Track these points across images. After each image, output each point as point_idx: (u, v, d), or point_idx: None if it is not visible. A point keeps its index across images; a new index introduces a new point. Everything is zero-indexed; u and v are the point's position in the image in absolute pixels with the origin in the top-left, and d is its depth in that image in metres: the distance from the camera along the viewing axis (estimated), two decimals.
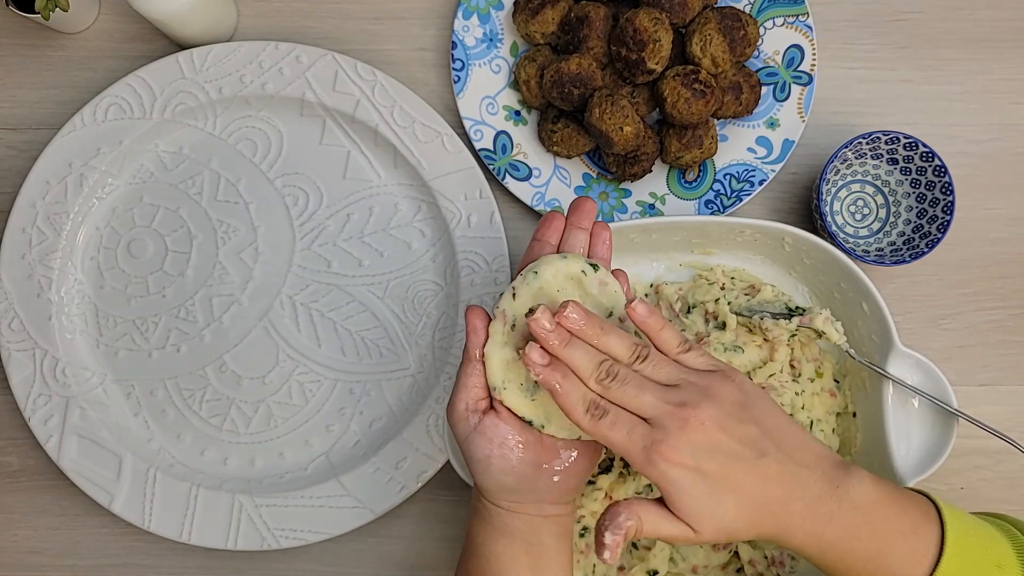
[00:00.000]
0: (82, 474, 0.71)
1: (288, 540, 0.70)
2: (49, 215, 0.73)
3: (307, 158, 0.74)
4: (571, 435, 0.52)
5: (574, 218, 0.56)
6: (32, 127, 0.77)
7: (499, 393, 0.52)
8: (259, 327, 0.74)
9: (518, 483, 0.52)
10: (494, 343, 0.52)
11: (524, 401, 0.52)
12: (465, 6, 0.74)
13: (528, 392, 0.52)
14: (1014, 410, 0.74)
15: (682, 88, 0.67)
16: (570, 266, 0.52)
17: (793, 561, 0.68)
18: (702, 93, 0.67)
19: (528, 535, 0.53)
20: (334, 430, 0.73)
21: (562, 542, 0.55)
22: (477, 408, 0.52)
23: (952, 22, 0.76)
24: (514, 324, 0.52)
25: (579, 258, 0.53)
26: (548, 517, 0.54)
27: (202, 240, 0.74)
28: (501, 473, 0.52)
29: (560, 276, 0.52)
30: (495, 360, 0.52)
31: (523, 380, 0.52)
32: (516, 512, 0.53)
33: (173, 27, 0.70)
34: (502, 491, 0.53)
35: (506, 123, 0.74)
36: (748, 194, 0.73)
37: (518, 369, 0.52)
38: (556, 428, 0.52)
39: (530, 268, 0.53)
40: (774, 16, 0.73)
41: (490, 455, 0.52)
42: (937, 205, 0.70)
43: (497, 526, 0.53)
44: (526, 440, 0.52)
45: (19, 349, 0.72)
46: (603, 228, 0.56)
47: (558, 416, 0.52)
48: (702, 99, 0.67)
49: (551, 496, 0.53)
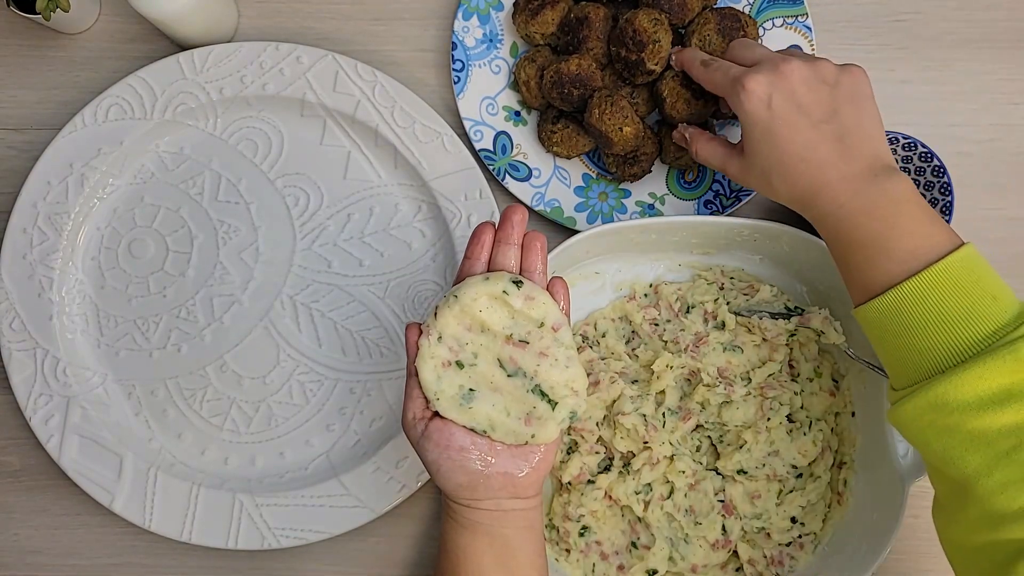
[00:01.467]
0: (83, 474, 0.71)
1: (288, 539, 0.70)
2: (50, 215, 0.73)
3: (308, 158, 0.75)
4: (517, 440, 0.54)
5: (502, 233, 0.57)
6: (33, 127, 0.77)
7: (435, 405, 0.55)
8: (260, 327, 0.74)
9: (471, 481, 0.54)
10: (422, 357, 0.55)
11: (461, 411, 0.54)
12: (465, 7, 0.74)
13: (463, 401, 0.54)
14: None
15: (682, 88, 0.67)
16: (491, 287, 0.54)
17: (793, 561, 0.68)
18: (702, 93, 0.67)
19: (490, 529, 0.55)
20: (334, 430, 0.73)
21: (527, 533, 0.56)
22: (424, 416, 0.55)
23: (951, 22, 0.76)
24: (440, 337, 0.55)
25: (502, 277, 0.54)
26: (508, 512, 0.55)
27: (203, 240, 0.74)
28: (452, 472, 0.54)
29: (482, 298, 0.54)
30: (426, 372, 0.55)
31: (455, 391, 0.55)
32: (476, 508, 0.55)
33: (174, 28, 0.71)
34: (458, 489, 0.55)
35: (506, 123, 0.74)
36: (747, 194, 0.73)
37: (450, 380, 0.55)
38: (502, 434, 0.54)
39: (452, 292, 0.55)
40: (773, 17, 0.73)
41: (438, 457, 0.54)
42: (936, 205, 0.71)
43: (461, 522, 0.56)
44: (474, 441, 0.54)
45: (20, 349, 0.72)
46: (535, 238, 0.57)
47: (501, 422, 0.54)
48: (702, 99, 0.67)
49: (507, 492, 0.55)
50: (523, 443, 0.55)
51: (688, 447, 0.69)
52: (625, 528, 0.69)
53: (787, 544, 0.68)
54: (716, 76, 0.59)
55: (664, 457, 0.67)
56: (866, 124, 0.55)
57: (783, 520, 0.68)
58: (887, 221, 0.52)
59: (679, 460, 0.67)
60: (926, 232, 0.52)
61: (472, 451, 0.54)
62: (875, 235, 0.52)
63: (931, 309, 0.50)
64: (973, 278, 0.50)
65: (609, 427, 0.68)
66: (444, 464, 0.54)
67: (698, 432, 0.69)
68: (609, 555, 0.69)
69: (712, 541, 0.68)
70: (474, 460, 0.54)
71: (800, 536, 0.68)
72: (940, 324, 0.50)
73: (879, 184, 0.53)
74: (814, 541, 0.69)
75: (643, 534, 0.69)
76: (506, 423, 0.54)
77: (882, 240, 0.52)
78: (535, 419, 0.54)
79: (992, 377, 0.48)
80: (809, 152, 0.54)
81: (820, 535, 0.69)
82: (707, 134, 0.64)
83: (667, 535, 0.68)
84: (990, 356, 0.48)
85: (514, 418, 0.54)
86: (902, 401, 0.51)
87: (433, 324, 0.55)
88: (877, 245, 0.52)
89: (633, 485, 0.67)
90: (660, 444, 0.67)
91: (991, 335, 0.49)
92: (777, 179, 0.56)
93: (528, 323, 0.55)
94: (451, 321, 0.55)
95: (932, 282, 0.50)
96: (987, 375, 0.48)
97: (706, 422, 0.69)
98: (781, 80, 0.55)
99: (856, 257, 0.53)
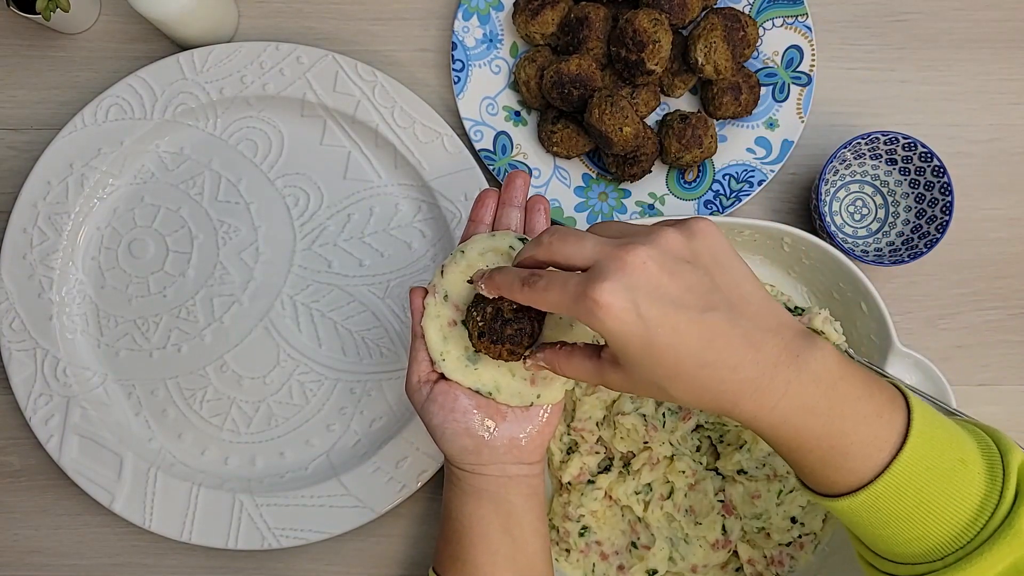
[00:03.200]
0: (83, 474, 0.71)
1: (288, 539, 0.70)
2: (50, 215, 0.73)
3: (308, 158, 0.75)
4: (523, 402, 0.54)
5: (505, 196, 0.57)
6: (33, 127, 0.77)
7: (440, 366, 0.54)
8: (260, 327, 0.74)
9: (476, 445, 0.54)
10: (428, 316, 0.54)
11: (465, 371, 0.54)
12: (465, 7, 0.74)
13: (468, 362, 0.54)
14: (1012, 410, 0.74)
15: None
16: (498, 242, 0.54)
17: (793, 561, 0.68)
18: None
19: (495, 495, 0.55)
20: (334, 429, 0.73)
21: (531, 501, 0.56)
22: (429, 379, 0.54)
23: (951, 22, 0.76)
24: (446, 295, 0.54)
25: (508, 235, 0.54)
26: (513, 478, 0.55)
27: (203, 240, 0.74)
28: (456, 436, 0.54)
29: (488, 253, 0.53)
30: (431, 332, 0.54)
31: (461, 351, 0.54)
32: (481, 474, 0.55)
33: (174, 28, 0.71)
34: (463, 454, 0.54)
35: (506, 124, 0.74)
36: (747, 194, 0.73)
37: (456, 340, 0.54)
38: (507, 396, 0.54)
39: (457, 248, 0.54)
40: (773, 17, 0.73)
41: (443, 421, 0.54)
42: (936, 205, 0.71)
43: (465, 488, 0.55)
44: (478, 404, 0.54)
45: (20, 349, 0.72)
46: (538, 201, 0.57)
47: (506, 384, 0.54)
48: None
49: (512, 457, 0.54)
50: (528, 404, 0.54)
51: (688, 447, 0.69)
52: (625, 528, 0.69)
53: (787, 544, 0.68)
54: (551, 295, 0.44)
55: (664, 457, 0.67)
56: (748, 290, 0.45)
57: (783, 520, 0.68)
58: (832, 412, 0.44)
59: (679, 460, 0.67)
60: (876, 409, 0.45)
61: (477, 414, 0.53)
62: (824, 435, 0.45)
63: (910, 502, 0.45)
64: (938, 446, 0.46)
65: (609, 427, 0.68)
66: (449, 428, 0.54)
67: (698, 432, 0.69)
68: (609, 555, 0.69)
69: (712, 541, 0.68)
70: (479, 423, 0.53)
71: (800, 536, 0.68)
72: (925, 515, 0.45)
73: (809, 368, 0.44)
74: (814, 541, 0.69)
75: (643, 534, 0.69)
76: (511, 384, 0.54)
77: (833, 438, 0.45)
78: (540, 379, 0.54)
79: (999, 562, 0.44)
80: (710, 354, 0.43)
81: (820, 535, 0.69)
82: (564, 349, 0.49)
83: (667, 535, 0.68)
84: (994, 544, 0.44)
85: (519, 379, 0.54)
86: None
87: (440, 282, 0.54)
88: (829, 445, 0.45)
89: (633, 485, 0.67)
90: (660, 444, 0.67)
91: (979, 509, 0.45)
92: (677, 390, 0.44)
93: None
94: (458, 277, 0.54)
95: (904, 474, 0.45)
96: (995, 562, 0.44)
97: (706, 422, 0.69)
98: (635, 277, 0.42)
99: (808, 459, 0.46)
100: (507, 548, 0.55)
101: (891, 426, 0.45)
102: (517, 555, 0.55)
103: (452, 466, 0.56)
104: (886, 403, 0.46)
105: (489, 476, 0.55)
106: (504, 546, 0.55)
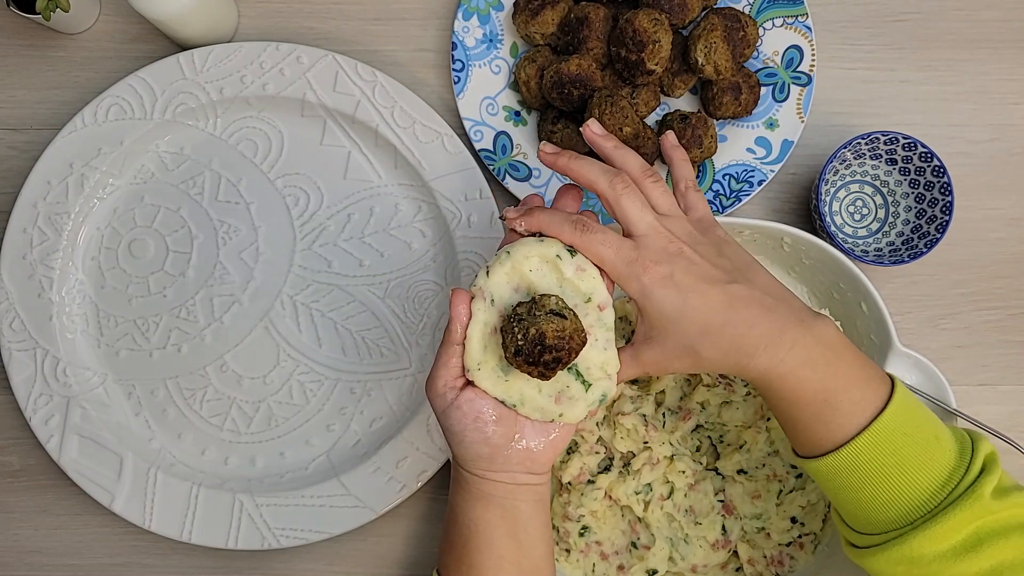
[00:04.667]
0: (83, 474, 0.71)
1: (288, 539, 0.70)
2: (50, 215, 0.73)
3: (308, 158, 0.75)
4: (544, 417, 0.54)
5: (559, 204, 0.57)
6: (33, 127, 0.77)
7: (473, 375, 0.53)
8: (260, 327, 0.74)
9: (492, 454, 0.54)
10: (476, 323, 0.53)
11: (497, 383, 0.53)
12: (465, 7, 0.74)
13: (501, 374, 0.53)
14: (1013, 410, 0.74)
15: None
16: (546, 249, 0.53)
17: (793, 561, 0.68)
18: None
19: (503, 501, 0.55)
20: (335, 430, 0.73)
21: (538, 507, 0.56)
22: (455, 385, 0.54)
23: (951, 22, 0.76)
24: (492, 300, 0.53)
25: (555, 243, 0.53)
26: (521, 485, 0.55)
27: (203, 240, 0.74)
28: (475, 444, 0.54)
29: (534, 258, 0.53)
30: (475, 340, 0.53)
31: (496, 362, 0.53)
32: (491, 480, 0.55)
33: (174, 28, 0.71)
34: (477, 460, 0.54)
35: (506, 124, 0.74)
36: (747, 194, 0.73)
37: (493, 349, 0.53)
38: (530, 410, 0.54)
39: (504, 248, 0.54)
40: (773, 17, 0.73)
41: (464, 428, 0.53)
42: (936, 205, 0.71)
43: (474, 493, 0.55)
44: (500, 415, 0.54)
45: (20, 349, 0.72)
46: (588, 215, 0.57)
47: (531, 398, 0.53)
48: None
49: (523, 467, 0.55)
50: (549, 420, 0.54)
51: (688, 447, 0.69)
52: (625, 528, 0.69)
53: (787, 544, 0.68)
54: (605, 251, 0.53)
55: (664, 457, 0.67)
56: (756, 268, 0.54)
57: (783, 520, 0.68)
58: (829, 371, 0.51)
59: (679, 460, 0.67)
60: (866, 376, 0.52)
61: (499, 424, 0.53)
62: (820, 389, 0.51)
63: (887, 461, 0.51)
64: (916, 420, 0.52)
65: (609, 427, 0.68)
66: (469, 436, 0.53)
67: (698, 432, 0.69)
68: (609, 555, 0.69)
69: (712, 541, 0.68)
70: (500, 433, 0.53)
71: (800, 536, 0.68)
72: (898, 476, 0.51)
73: (812, 331, 0.52)
74: (814, 541, 0.69)
75: (643, 534, 0.69)
76: (536, 399, 0.53)
77: (828, 394, 0.51)
78: (566, 398, 0.54)
79: (962, 527, 0.50)
80: (731, 313, 0.51)
81: (820, 535, 0.69)
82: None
83: (667, 535, 0.68)
84: (958, 507, 0.50)
85: (545, 395, 0.53)
86: (873, 552, 0.52)
87: (485, 284, 0.53)
88: (823, 400, 0.51)
89: (633, 485, 0.67)
90: (660, 444, 0.67)
91: (948, 478, 0.51)
92: (705, 348, 0.52)
93: (575, 295, 0.53)
94: (502, 279, 0.53)
95: (884, 434, 0.51)
96: (958, 526, 0.50)
97: (706, 422, 0.69)
98: (678, 254, 0.52)
99: (803, 414, 0.52)
100: (513, 553, 0.55)
101: (877, 393, 0.52)
102: (522, 560, 0.55)
103: (462, 470, 0.56)
104: (875, 376, 0.53)
105: (499, 483, 0.55)
106: (510, 551, 0.55)
